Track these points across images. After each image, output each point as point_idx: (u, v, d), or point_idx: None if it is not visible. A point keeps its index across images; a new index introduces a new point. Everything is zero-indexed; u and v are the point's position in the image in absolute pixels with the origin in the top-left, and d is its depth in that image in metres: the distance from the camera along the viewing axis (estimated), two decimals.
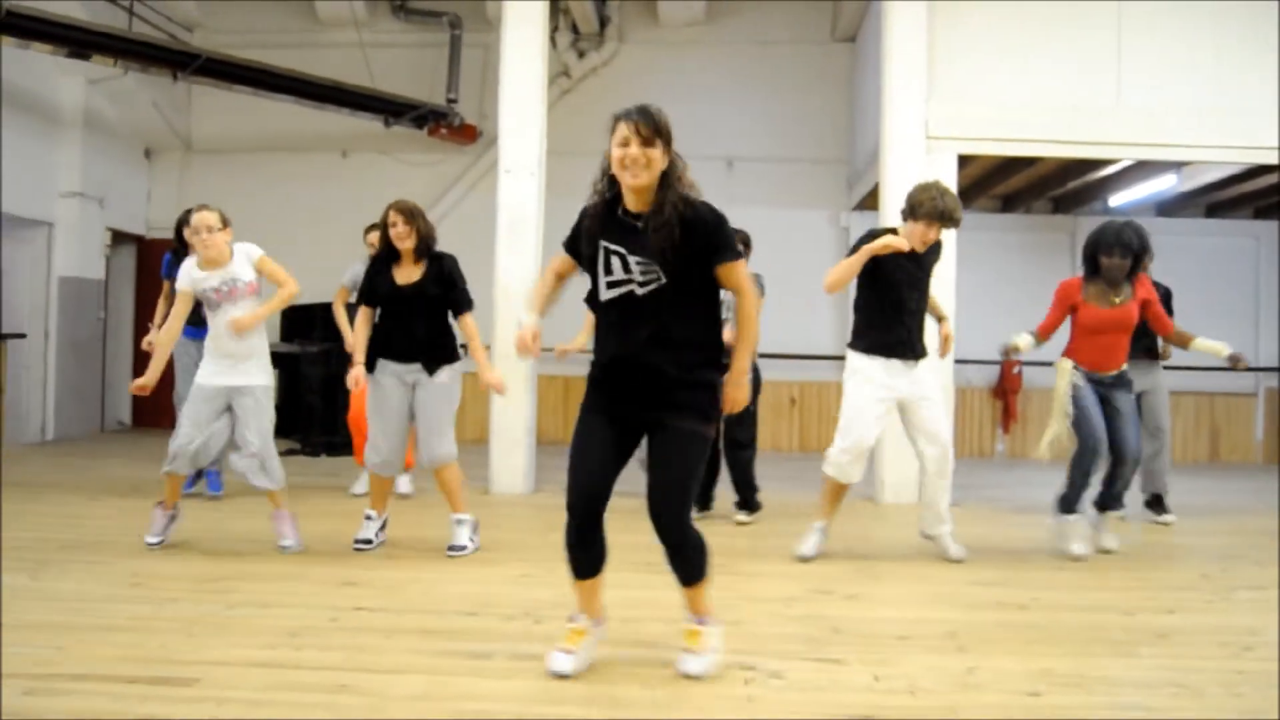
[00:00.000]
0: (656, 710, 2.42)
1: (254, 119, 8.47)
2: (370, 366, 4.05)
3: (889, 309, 4.01)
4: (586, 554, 2.63)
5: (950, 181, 5.82)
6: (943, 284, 5.56)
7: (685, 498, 2.57)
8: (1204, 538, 4.81)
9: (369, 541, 4.10)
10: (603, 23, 8.50)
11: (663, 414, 2.54)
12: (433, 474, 4.15)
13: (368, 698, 2.44)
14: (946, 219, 3.93)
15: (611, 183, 2.56)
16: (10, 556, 3.69)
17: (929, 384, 4.09)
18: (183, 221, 5.28)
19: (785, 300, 5.76)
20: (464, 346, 4.20)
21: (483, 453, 5.88)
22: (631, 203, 2.53)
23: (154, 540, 4.00)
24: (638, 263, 2.49)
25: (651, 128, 2.43)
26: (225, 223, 4.01)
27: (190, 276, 3.99)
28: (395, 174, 8.62)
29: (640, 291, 2.50)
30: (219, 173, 8.61)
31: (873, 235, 4.05)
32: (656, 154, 2.45)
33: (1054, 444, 4.31)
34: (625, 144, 2.44)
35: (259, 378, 4.00)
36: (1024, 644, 2.99)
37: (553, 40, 7.81)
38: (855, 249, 3.99)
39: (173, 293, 5.26)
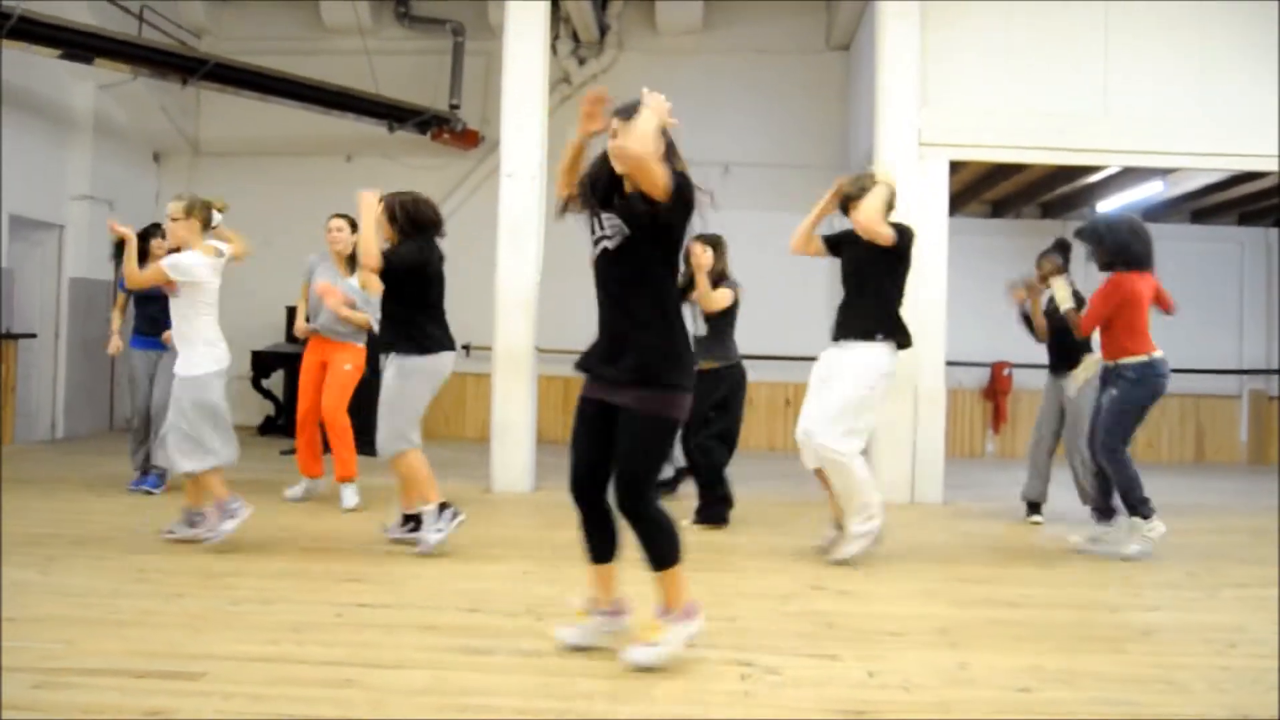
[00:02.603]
0: (654, 705, 2.45)
1: (261, 123, 8.55)
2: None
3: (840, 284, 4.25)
4: (594, 537, 2.73)
5: (941, 186, 5.92)
6: (933, 288, 5.66)
7: (640, 478, 2.64)
8: (1190, 537, 4.86)
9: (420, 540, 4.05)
10: (602, 31, 8.58)
11: (622, 386, 2.62)
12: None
13: (371, 692, 2.47)
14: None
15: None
16: (20, 552, 3.74)
17: (843, 368, 4.02)
18: (148, 233, 5.30)
19: (779, 302, 5.82)
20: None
21: (484, 451, 5.93)
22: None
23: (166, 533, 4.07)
24: (607, 217, 2.64)
25: (625, 116, 2.62)
26: (188, 213, 3.96)
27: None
28: (399, 178, 8.61)
29: (610, 246, 2.64)
30: (226, 176, 8.67)
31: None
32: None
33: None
34: (613, 136, 2.63)
35: (181, 368, 3.95)
36: (1014, 640, 3.04)
37: (553, 48, 7.88)
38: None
39: (127, 303, 5.38)
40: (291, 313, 8.12)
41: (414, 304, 4.04)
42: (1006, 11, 5.95)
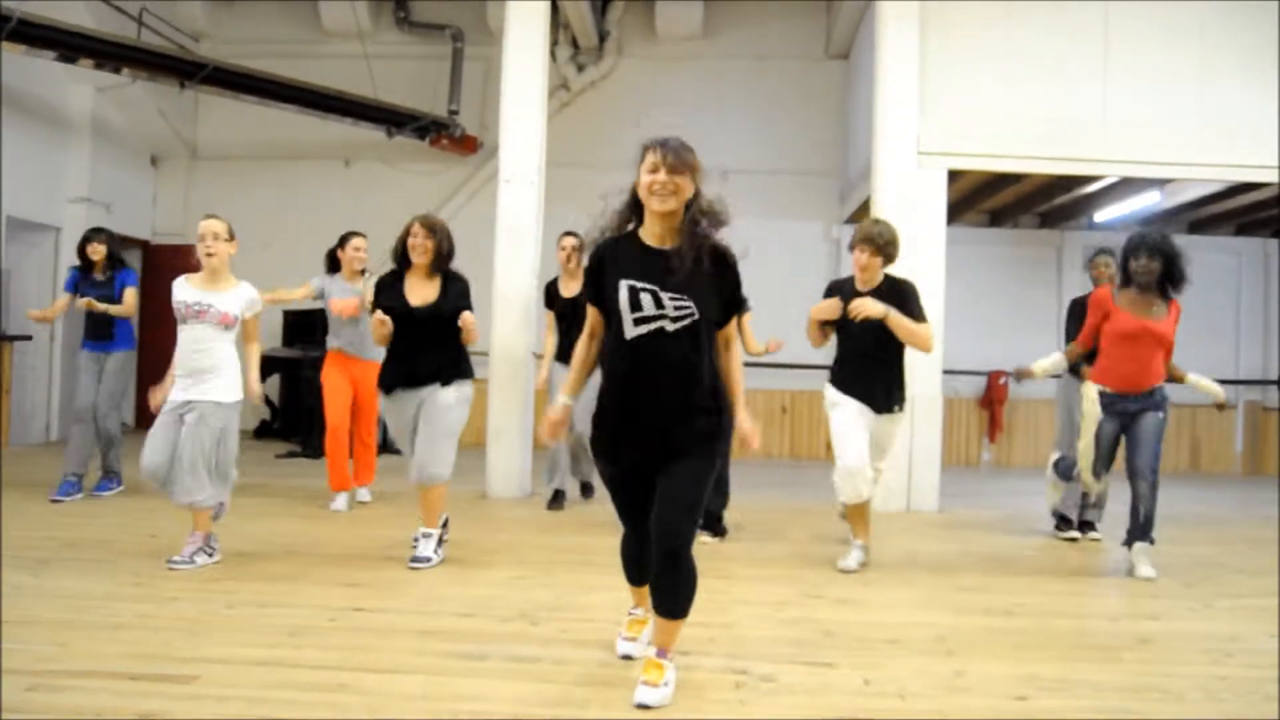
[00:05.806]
0: (648, 713, 2.45)
1: (259, 127, 8.57)
2: (387, 387, 3.99)
3: (851, 356, 4.12)
4: (645, 570, 2.72)
5: (939, 195, 5.94)
6: (931, 296, 5.65)
7: (695, 516, 2.59)
8: (1185, 546, 4.87)
9: (427, 560, 3.93)
10: (602, 37, 8.61)
11: (682, 442, 2.55)
12: (418, 489, 3.99)
13: (366, 697, 2.47)
14: (865, 241, 4.01)
15: (634, 210, 2.59)
16: (14, 555, 3.73)
17: (891, 438, 4.21)
18: (85, 240, 5.32)
19: (777, 310, 5.82)
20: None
21: (480, 457, 5.93)
22: (655, 234, 2.55)
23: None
24: (671, 298, 2.50)
25: (679, 157, 2.48)
26: (232, 235, 3.94)
27: (179, 283, 3.93)
28: (397, 183, 8.73)
29: (671, 328, 2.50)
30: (224, 180, 8.70)
31: (833, 288, 4.20)
32: (684, 182, 2.49)
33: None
34: (654, 170, 2.48)
35: (215, 394, 3.81)
36: (1010, 649, 3.04)
37: (552, 54, 7.91)
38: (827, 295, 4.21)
39: (70, 305, 5.35)
40: (289, 317, 8.15)
41: (458, 336, 3.99)
42: (1006, 21, 5.98)
